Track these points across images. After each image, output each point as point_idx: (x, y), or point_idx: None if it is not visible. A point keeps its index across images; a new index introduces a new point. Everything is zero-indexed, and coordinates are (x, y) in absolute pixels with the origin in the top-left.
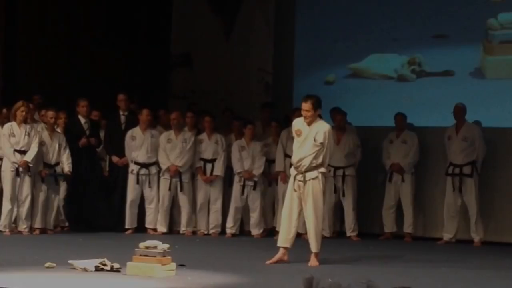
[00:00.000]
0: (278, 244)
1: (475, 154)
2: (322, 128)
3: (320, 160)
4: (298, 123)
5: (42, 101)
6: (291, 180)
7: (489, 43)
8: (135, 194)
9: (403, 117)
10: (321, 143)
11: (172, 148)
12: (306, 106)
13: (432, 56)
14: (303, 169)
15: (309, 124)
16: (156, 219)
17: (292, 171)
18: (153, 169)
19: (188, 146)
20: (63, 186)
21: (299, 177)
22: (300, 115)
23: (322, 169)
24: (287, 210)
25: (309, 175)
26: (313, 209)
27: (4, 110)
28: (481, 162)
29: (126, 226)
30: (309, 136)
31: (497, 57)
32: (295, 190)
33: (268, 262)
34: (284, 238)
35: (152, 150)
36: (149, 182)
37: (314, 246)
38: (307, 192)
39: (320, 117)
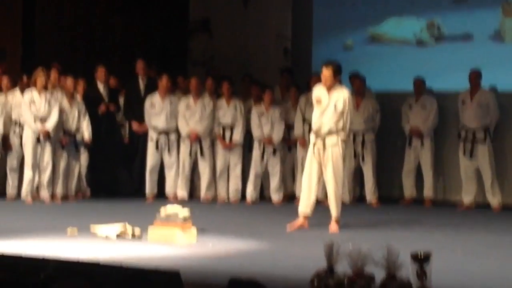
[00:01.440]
0: (300, 211)
1: (488, 120)
2: (342, 95)
3: (340, 126)
4: (318, 91)
5: (61, 69)
6: (310, 146)
7: (508, 5)
8: (154, 161)
9: (422, 81)
10: (341, 111)
11: (192, 114)
12: (326, 72)
13: (451, 20)
14: (322, 135)
15: (329, 90)
16: (176, 186)
17: (312, 137)
18: (173, 136)
19: (207, 112)
20: (85, 154)
21: (319, 142)
22: (318, 81)
23: (342, 135)
24: (307, 177)
25: (329, 140)
26: (333, 174)
27: (24, 78)
28: (493, 128)
29: (147, 192)
30: (330, 103)
31: None
32: (314, 156)
33: (288, 229)
34: (305, 205)
35: (171, 117)
36: (169, 149)
37: (334, 211)
38: (327, 157)
39: (340, 82)
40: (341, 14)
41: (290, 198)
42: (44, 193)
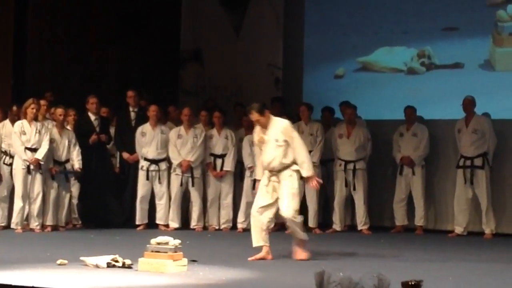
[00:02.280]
0: (258, 245)
1: (485, 146)
2: (279, 126)
3: (290, 158)
4: (257, 132)
5: (53, 98)
6: (264, 179)
7: (498, 35)
8: (145, 190)
9: (413, 110)
10: (284, 141)
11: (183, 144)
12: (253, 117)
13: (442, 49)
14: (275, 170)
15: (267, 128)
16: (166, 215)
17: (267, 172)
18: (163, 165)
19: (199, 142)
20: (76, 185)
21: (274, 178)
22: (307, 112)
23: (295, 167)
24: (259, 209)
25: (283, 175)
26: (287, 203)
27: (14, 108)
28: (492, 154)
29: (137, 222)
30: (270, 140)
31: (506, 48)
32: (267, 191)
33: (250, 259)
34: (259, 238)
35: (162, 146)
36: (159, 178)
37: (300, 235)
38: (281, 189)
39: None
40: (332, 44)
41: (282, 227)
42: (34, 223)
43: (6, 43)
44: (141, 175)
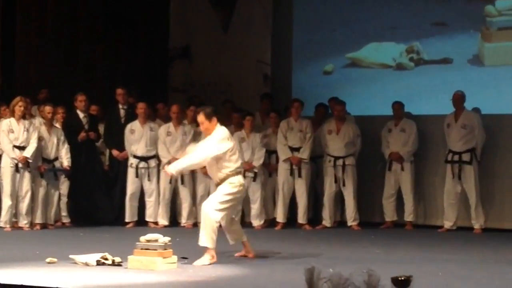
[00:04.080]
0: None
1: (474, 141)
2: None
3: (225, 170)
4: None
5: (49, 96)
6: None
7: (487, 30)
8: (134, 188)
9: (401, 105)
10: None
11: (172, 141)
12: (199, 118)
13: (431, 44)
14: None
15: (208, 135)
16: (156, 212)
17: None
18: (152, 162)
19: (188, 139)
20: (66, 182)
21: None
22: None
23: (231, 179)
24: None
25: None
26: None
27: None
28: (480, 149)
29: (127, 220)
30: None
31: (495, 44)
32: None
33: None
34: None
35: (151, 143)
36: (149, 175)
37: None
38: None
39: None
40: (320, 40)
41: (272, 224)
42: (23, 222)
43: None
44: (131, 172)
